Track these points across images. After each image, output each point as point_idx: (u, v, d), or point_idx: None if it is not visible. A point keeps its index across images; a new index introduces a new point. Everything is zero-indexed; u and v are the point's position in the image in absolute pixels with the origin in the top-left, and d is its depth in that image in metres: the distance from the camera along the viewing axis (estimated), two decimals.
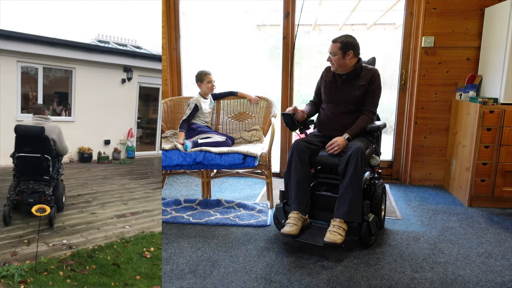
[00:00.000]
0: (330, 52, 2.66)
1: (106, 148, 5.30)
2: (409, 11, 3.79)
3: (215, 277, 2.19)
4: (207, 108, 3.56)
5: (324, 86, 2.84)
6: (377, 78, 2.69)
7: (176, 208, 3.24)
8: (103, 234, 2.58)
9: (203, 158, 3.05)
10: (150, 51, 6.16)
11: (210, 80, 3.49)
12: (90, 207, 3.14)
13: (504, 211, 3.25)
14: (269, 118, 3.58)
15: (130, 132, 5.48)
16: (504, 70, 3.16)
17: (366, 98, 2.69)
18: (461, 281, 2.16)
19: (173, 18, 4.23)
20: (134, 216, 3.02)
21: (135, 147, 5.59)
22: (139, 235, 2.62)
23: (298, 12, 3.97)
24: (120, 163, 5.12)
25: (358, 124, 2.66)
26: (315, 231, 2.56)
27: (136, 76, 5.49)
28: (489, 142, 3.18)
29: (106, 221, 2.83)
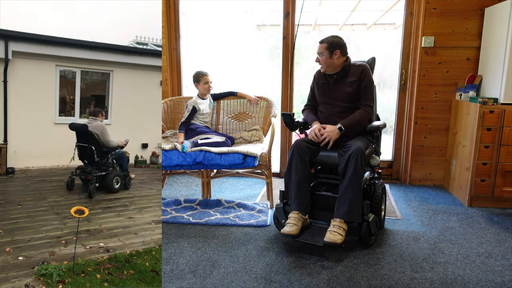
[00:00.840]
0: (318, 53, 2.70)
1: (143, 152, 5.25)
2: (409, 11, 3.79)
3: (215, 277, 2.19)
4: (206, 109, 3.56)
5: (317, 89, 2.86)
6: (367, 72, 2.72)
7: (176, 208, 3.24)
8: (141, 240, 2.54)
9: (203, 158, 3.05)
10: None
11: (207, 81, 3.50)
12: (127, 211, 3.10)
13: (504, 211, 3.25)
14: (269, 118, 3.58)
15: None
16: (504, 70, 3.16)
17: (361, 94, 2.71)
18: (461, 281, 2.16)
19: (173, 18, 4.23)
20: None
21: None
22: None
23: (298, 12, 3.97)
24: (158, 167, 5.02)
25: (353, 116, 2.66)
26: (315, 231, 2.56)
27: None
28: (489, 142, 3.18)
29: (144, 227, 2.79)
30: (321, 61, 2.70)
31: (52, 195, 3.46)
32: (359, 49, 5.10)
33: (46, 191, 3.59)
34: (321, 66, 2.73)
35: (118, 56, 4.92)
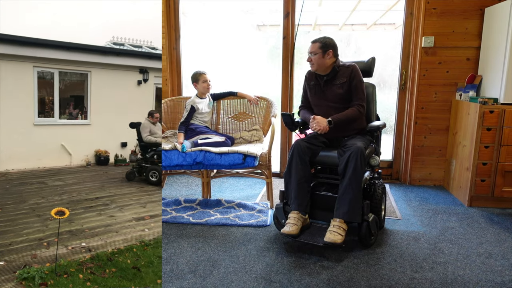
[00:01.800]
0: (310, 52, 2.71)
1: (123, 151, 5.29)
2: (409, 11, 3.79)
3: (215, 277, 2.19)
4: (205, 108, 3.56)
5: (309, 90, 2.88)
6: (357, 72, 2.73)
7: (176, 208, 3.24)
8: (122, 237, 2.57)
9: (203, 158, 3.05)
10: None
11: (205, 79, 3.50)
12: (108, 210, 3.12)
13: (504, 211, 3.25)
14: (269, 118, 3.58)
15: None
16: (504, 70, 3.16)
17: (352, 94, 2.72)
18: (461, 281, 2.16)
19: (173, 18, 4.23)
20: (153, 219, 3.01)
21: None
22: (159, 238, 2.60)
23: (298, 12, 3.97)
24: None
25: (344, 112, 2.68)
26: (315, 231, 2.56)
27: (152, 77, 5.48)
28: (489, 142, 3.18)
29: (125, 224, 2.82)
30: (313, 60, 2.71)
31: (33, 198, 3.43)
32: (359, 49, 5.09)
33: (27, 194, 3.56)
34: (312, 65, 2.74)
35: (95, 57, 4.93)
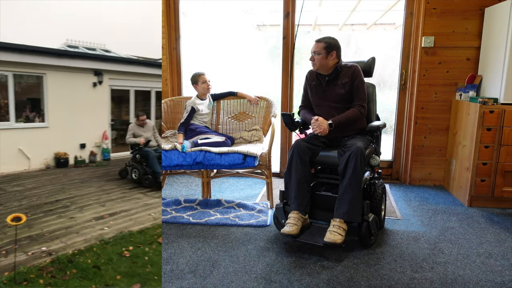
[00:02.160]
0: (314, 51, 2.69)
1: (82, 152, 5.31)
2: (409, 11, 3.79)
3: (215, 277, 2.19)
4: (205, 109, 3.56)
5: (310, 90, 2.87)
6: (359, 73, 2.72)
7: (176, 208, 3.24)
8: (83, 238, 2.56)
9: (203, 158, 3.05)
10: (119, 54, 6.18)
11: (205, 80, 3.50)
12: (68, 212, 3.10)
13: (504, 211, 3.25)
14: (269, 118, 3.58)
15: (105, 134, 5.53)
16: (504, 70, 3.16)
17: (353, 95, 2.72)
18: (461, 281, 2.16)
19: (173, 18, 4.23)
20: (112, 216, 3.01)
21: (110, 149, 5.66)
22: (118, 235, 2.62)
23: (298, 12, 3.97)
24: (97, 165, 5.16)
25: (345, 114, 2.68)
26: (315, 231, 2.56)
27: (107, 79, 5.51)
28: (489, 142, 3.18)
29: (85, 225, 2.82)
30: (316, 60, 2.70)
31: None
32: (359, 49, 5.09)
33: None
34: (314, 64, 2.73)
35: (50, 59, 4.86)
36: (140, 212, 3.12)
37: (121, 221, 2.92)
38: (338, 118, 2.66)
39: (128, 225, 2.83)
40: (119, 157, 5.81)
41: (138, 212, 3.11)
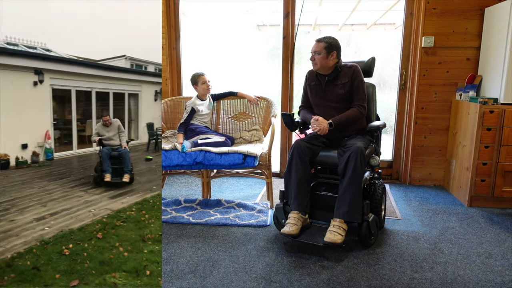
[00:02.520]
0: (315, 51, 2.69)
1: (24, 153, 5.16)
2: (409, 11, 3.79)
3: (215, 277, 2.19)
4: (205, 110, 3.56)
5: (310, 90, 2.87)
6: (359, 73, 2.72)
7: (176, 208, 3.24)
8: (22, 240, 2.51)
9: (203, 158, 3.05)
10: (60, 54, 6.10)
11: (205, 80, 3.50)
12: (8, 215, 3.03)
13: (504, 211, 3.25)
14: (269, 118, 3.58)
15: (47, 134, 5.42)
16: (504, 70, 3.16)
17: (353, 95, 2.72)
18: (461, 281, 2.16)
19: (173, 18, 4.23)
20: (53, 216, 2.98)
21: (53, 149, 5.54)
22: (58, 234, 2.59)
23: (298, 12, 3.97)
24: (39, 165, 5.03)
25: (345, 114, 2.68)
26: (315, 231, 2.56)
27: (48, 79, 5.40)
28: (489, 142, 3.18)
29: (25, 226, 2.76)
30: (316, 60, 2.69)
31: None
32: (359, 49, 5.09)
33: None
34: (315, 64, 2.72)
35: None
36: (81, 209, 3.11)
37: (62, 220, 2.88)
38: (338, 118, 2.66)
39: (68, 224, 2.80)
40: (63, 156, 5.68)
41: (79, 210, 3.10)
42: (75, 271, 2.11)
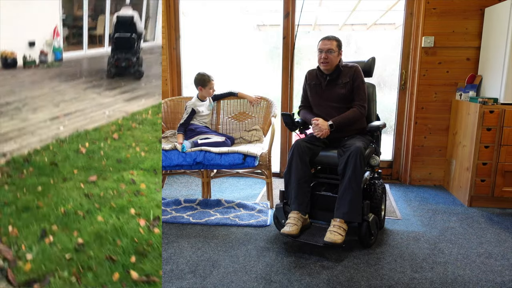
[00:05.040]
0: (328, 49, 2.64)
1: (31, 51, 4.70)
2: (409, 11, 3.79)
3: (215, 277, 2.19)
4: (205, 110, 3.56)
5: (309, 90, 2.86)
6: (359, 73, 2.72)
7: (176, 208, 3.24)
8: (38, 138, 2.51)
9: (203, 158, 3.05)
10: None
11: (212, 86, 3.50)
12: (21, 114, 2.98)
13: (504, 211, 3.25)
14: (269, 118, 3.58)
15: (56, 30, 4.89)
16: (504, 70, 3.16)
17: (354, 95, 2.71)
18: (461, 281, 2.16)
19: (173, 18, 4.23)
20: (67, 116, 2.95)
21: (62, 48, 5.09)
22: (74, 134, 2.60)
23: (298, 12, 3.97)
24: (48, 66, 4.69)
25: (345, 114, 2.67)
26: (315, 231, 2.56)
27: None
28: (489, 142, 3.18)
29: (39, 125, 2.74)
30: (329, 59, 2.65)
31: None
32: (359, 49, 5.09)
33: None
34: (326, 63, 2.67)
35: None
36: (94, 111, 3.07)
37: (76, 120, 2.87)
38: (338, 118, 2.65)
39: (83, 124, 2.79)
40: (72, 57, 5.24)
41: (93, 112, 3.06)
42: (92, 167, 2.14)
